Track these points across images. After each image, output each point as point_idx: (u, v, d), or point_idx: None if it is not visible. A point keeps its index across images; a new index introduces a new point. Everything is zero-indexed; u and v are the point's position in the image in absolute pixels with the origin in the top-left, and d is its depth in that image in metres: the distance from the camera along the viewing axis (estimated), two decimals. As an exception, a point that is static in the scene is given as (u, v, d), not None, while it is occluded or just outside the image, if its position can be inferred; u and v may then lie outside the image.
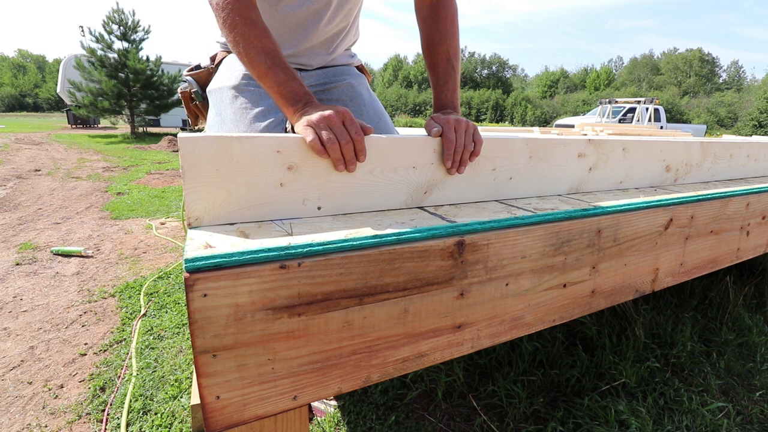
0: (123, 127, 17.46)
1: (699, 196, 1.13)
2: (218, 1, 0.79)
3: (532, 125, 43.53)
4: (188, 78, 1.24)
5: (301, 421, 0.68)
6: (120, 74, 12.25)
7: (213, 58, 1.22)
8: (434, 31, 0.99)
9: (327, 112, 0.70)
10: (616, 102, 14.18)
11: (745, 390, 1.55)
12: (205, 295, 0.51)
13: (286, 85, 0.76)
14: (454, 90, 0.94)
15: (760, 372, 1.65)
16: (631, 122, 13.46)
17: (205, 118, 1.29)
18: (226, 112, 1.03)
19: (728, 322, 1.94)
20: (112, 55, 12.11)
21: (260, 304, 0.54)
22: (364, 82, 1.21)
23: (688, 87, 52.99)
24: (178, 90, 1.29)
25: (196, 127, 1.49)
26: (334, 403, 1.44)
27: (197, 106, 1.29)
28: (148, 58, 12.77)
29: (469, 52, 66.68)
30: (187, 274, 0.50)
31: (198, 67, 1.26)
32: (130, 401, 1.45)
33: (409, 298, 0.66)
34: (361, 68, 1.26)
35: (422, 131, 0.93)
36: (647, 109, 13.46)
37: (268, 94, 1.01)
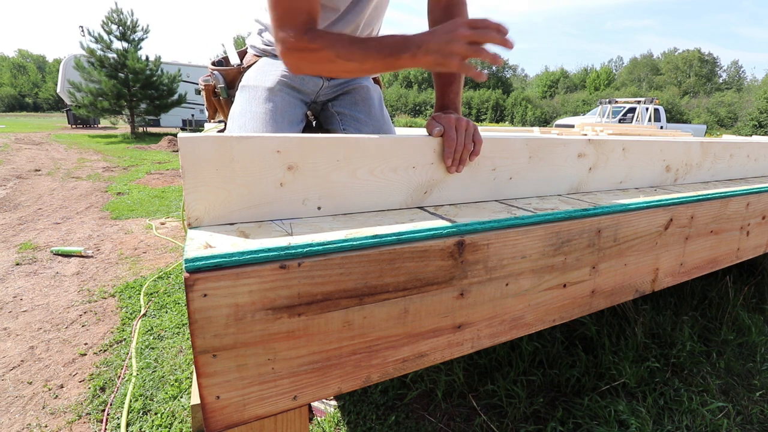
0: (123, 127, 17.47)
1: (699, 196, 1.13)
2: (294, 55, 0.81)
3: (532, 125, 43.54)
4: (216, 73, 1.26)
5: (301, 421, 0.68)
6: (120, 74, 12.25)
7: (241, 55, 1.26)
8: None
9: (445, 34, 0.69)
10: (616, 102, 14.18)
11: (745, 390, 1.55)
12: (205, 295, 0.51)
13: (387, 42, 0.75)
14: (457, 92, 0.95)
15: (760, 372, 1.65)
16: (631, 122, 13.45)
17: (224, 114, 1.31)
18: (257, 110, 1.06)
19: (728, 322, 1.94)
20: (112, 55, 12.11)
21: (260, 304, 0.54)
22: (378, 90, 1.29)
23: (688, 87, 53.00)
24: (201, 81, 1.31)
25: (213, 121, 1.50)
26: (334, 403, 1.44)
27: (219, 101, 1.31)
28: (147, 58, 12.77)
29: (469, 52, 66.52)
30: (187, 274, 0.50)
31: (222, 62, 1.29)
32: (130, 401, 1.45)
33: (409, 298, 0.66)
34: (376, 80, 1.34)
35: (422, 131, 0.93)
36: (647, 109, 13.46)
37: (299, 102, 1.11)
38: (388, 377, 0.68)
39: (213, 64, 1.29)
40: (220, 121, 1.47)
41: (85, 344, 1.82)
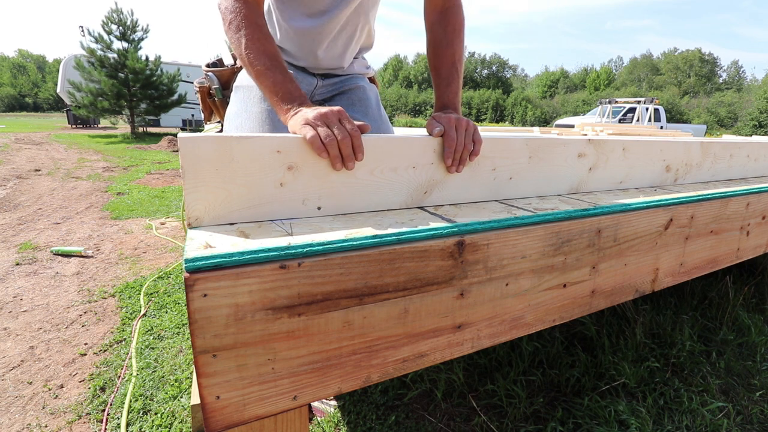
0: (123, 127, 17.47)
1: (699, 196, 1.13)
2: (227, 5, 0.83)
3: (532, 125, 43.50)
4: (210, 74, 1.26)
5: (301, 421, 0.68)
6: (119, 74, 12.26)
7: (235, 57, 1.26)
8: (442, 36, 1.02)
9: (323, 110, 0.71)
10: (616, 102, 14.18)
11: (745, 390, 1.55)
12: (205, 295, 0.51)
13: (282, 86, 0.78)
14: (456, 92, 0.96)
15: (760, 372, 1.65)
16: (631, 122, 13.45)
17: (220, 115, 1.31)
18: (253, 110, 1.06)
19: (728, 322, 1.94)
20: (112, 55, 12.12)
21: (260, 304, 0.54)
22: (374, 89, 1.26)
23: (688, 87, 52.97)
24: (195, 84, 1.31)
25: (209, 123, 1.49)
26: (334, 403, 1.44)
27: (214, 102, 1.31)
28: (147, 58, 12.78)
29: (469, 52, 66.63)
30: (187, 274, 0.50)
31: (217, 64, 1.28)
32: (130, 401, 1.45)
33: (409, 298, 0.66)
34: (372, 80, 1.31)
35: (422, 131, 0.93)
36: (647, 109, 13.46)
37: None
38: (388, 377, 0.68)
39: (207, 66, 1.29)
40: (217, 122, 1.47)
41: (85, 344, 1.82)
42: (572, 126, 9.97)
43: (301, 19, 1.04)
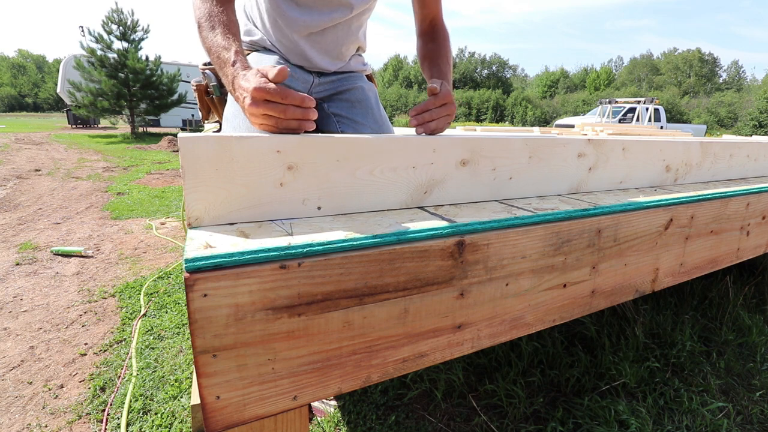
0: (123, 127, 17.48)
1: (699, 196, 1.12)
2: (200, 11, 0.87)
3: (532, 125, 43.50)
4: (207, 72, 1.26)
5: (301, 421, 0.68)
6: (120, 74, 12.26)
7: None
8: (432, 45, 1.13)
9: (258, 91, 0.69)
10: (616, 102, 14.19)
11: (745, 390, 1.55)
12: (205, 295, 0.51)
13: (223, 59, 0.80)
14: (449, 79, 1.05)
15: (760, 372, 1.65)
16: (631, 122, 13.46)
17: (218, 113, 1.31)
18: None
19: (728, 322, 1.94)
20: (112, 55, 12.13)
21: (260, 304, 0.54)
22: (373, 89, 1.28)
23: (688, 87, 52.96)
24: (192, 82, 1.31)
25: (207, 121, 1.49)
26: (334, 403, 1.44)
27: (212, 100, 1.31)
28: (147, 58, 12.79)
29: (469, 52, 66.57)
30: (187, 274, 0.50)
31: None
32: (130, 401, 1.45)
33: (409, 298, 0.66)
34: (370, 77, 1.33)
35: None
36: (647, 109, 13.47)
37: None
38: (388, 377, 0.68)
39: (204, 64, 1.29)
40: (216, 121, 1.47)
41: (85, 344, 1.82)
42: (572, 126, 9.97)
43: (291, 8, 1.06)
